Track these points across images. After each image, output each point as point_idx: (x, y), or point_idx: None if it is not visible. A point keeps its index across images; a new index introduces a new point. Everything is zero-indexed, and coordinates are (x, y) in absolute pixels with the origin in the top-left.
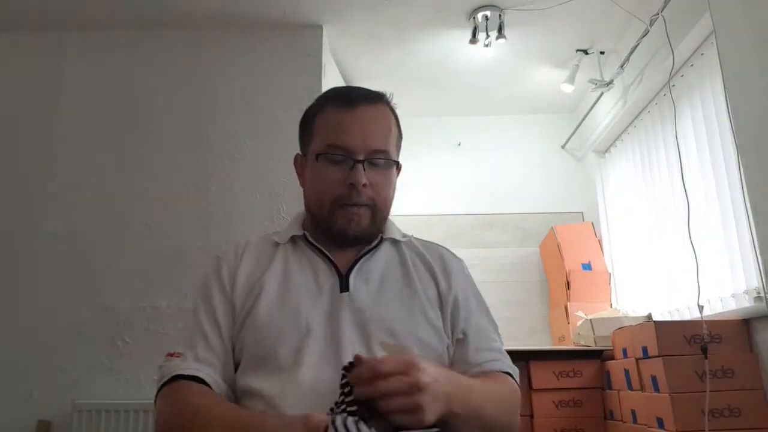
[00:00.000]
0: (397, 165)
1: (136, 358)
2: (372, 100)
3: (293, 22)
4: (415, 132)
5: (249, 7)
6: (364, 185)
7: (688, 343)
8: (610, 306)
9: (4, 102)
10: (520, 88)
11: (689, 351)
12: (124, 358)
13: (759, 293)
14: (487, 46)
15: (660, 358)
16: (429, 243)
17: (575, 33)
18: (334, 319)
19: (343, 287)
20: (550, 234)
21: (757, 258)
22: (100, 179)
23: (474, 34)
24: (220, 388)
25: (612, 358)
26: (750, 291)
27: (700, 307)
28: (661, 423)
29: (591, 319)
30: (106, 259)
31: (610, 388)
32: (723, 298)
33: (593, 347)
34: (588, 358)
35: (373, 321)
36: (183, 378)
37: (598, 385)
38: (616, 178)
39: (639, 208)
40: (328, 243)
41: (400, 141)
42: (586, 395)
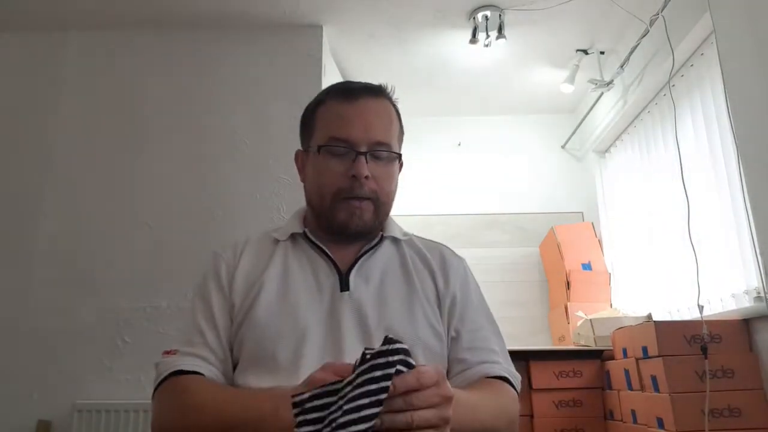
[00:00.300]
0: (400, 159)
1: (136, 358)
2: (373, 92)
3: (293, 22)
4: (415, 132)
5: (249, 7)
6: (367, 177)
7: (688, 343)
8: (610, 306)
9: (4, 102)
10: (520, 88)
11: (689, 351)
12: (124, 358)
13: (759, 293)
14: (487, 46)
15: (660, 358)
16: (430, 241)
17: (575, 33)
18: (334, 318)
19: (344, 286)
20: (550, 234)
21: (757, 258)
22: (100, 179)
23: (474, 34)
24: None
25: (612, 358)
26: (750, 291)
27: (700, 307)
28: (661, 423)
29: (591, 319)
30: (106, 259)
31: (610, 388)
32: (723, 298)
33: (593, 347)
34: (588, 358)
35: (373, 321)
36: (183, 373)
37: (598, 385)
38: (616, 178)
39: (639, 208)
40: (328, 239)
41: (402, 135)
42: (586, 395)
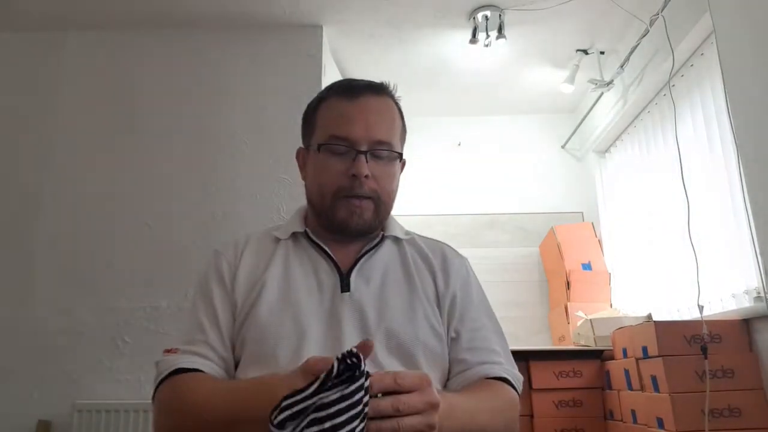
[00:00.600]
0: (401, 158)
1: (136, 358)
2: (375, 90)
3: (293, 22)
4: (415, 132)
5: (249, 7)
6: (367, 177)
7: (688, 343)
8: (610, 306)
9: (3, 101)
10: (520, 88)
11: (689, 351)
12: (124, 358)
13: (759, 293)
14: (487, 46)
15: (660, 358)
16: (432, 240)
17: (575, 33)
18: (334, 319)
19: (344, 287)
20: (550, 234)
21: (757, 258)
22: (100, 179)
23: (474, 34)
24: None
25: (612, 358)
26: (750, 291)
27: (700, 307)
28: (661, 423)
29: (591, 319)
30: (106, 259)
31: (610, 388)
32: (723, 298)
33: (593, 347)
34: (588, 358)
35: (373, 322)
36: (184, 371)
37: (598, 385)
38: (616, 178)
39: (639, 208)
40: (329, 239)
41: (405, 134)
42: (586, 395)
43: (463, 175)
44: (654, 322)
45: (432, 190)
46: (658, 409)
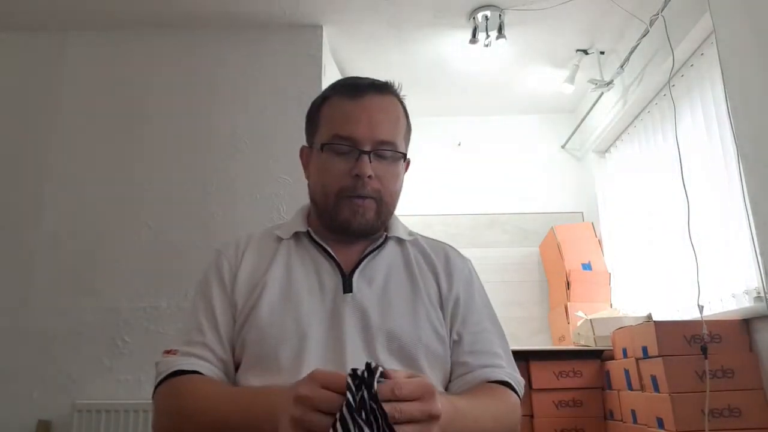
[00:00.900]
0: (405, 158)
1: (136, 358)
2: (380, 89)
3: (293, 22)
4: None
5: (249, 7)
6: (370, 177)
7: (688, 343)
8: (610, 306)
9: (3, 102)
10: (520, 88)
11: (689, 351)
12: (124, 358)
13: (759, 293)
14: (487, 46)
15: (660, 358)
16: (435, 241)
17: (575, 33)
18: (336, 320)
19: (347, 288)
20: (550, 234)
21: (757, 258)
22: (100, 179)
23: (474, 34)
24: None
25: (612, 358)
26: (750, 291)
27: (700, 307)
28: (661, 423)
29: (591, 319)
30: (106, 259)
31: (610, 388)
32: (723, 298)
33: (593, 347)
34: (588, 358)
35: (375, 323)
36: (183, 373)
37: (598, 385)
38: (616, 178)
39: (639, 208)
40: (332, 239)
41: (409, 134)
42: (586, 395)
43: (463, 175)
44: (654, 322)
45: (432, 190)
46: (658, 409)
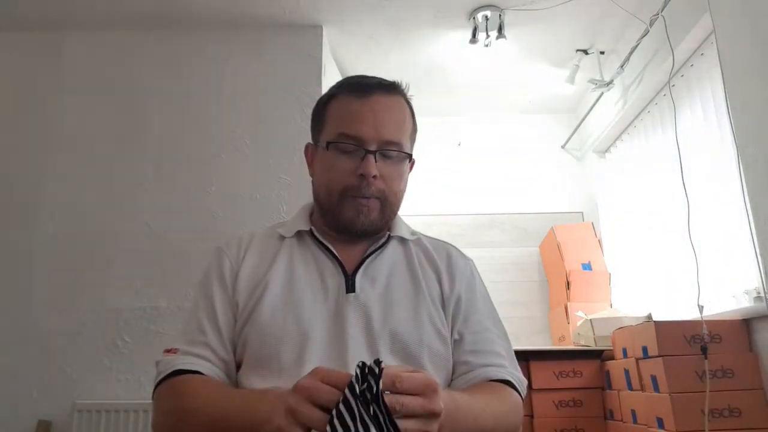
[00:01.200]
0: (410, 158)
1: (136, 358)
2: (387, 89)
3: (293, 22)
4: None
5: (249, 6)
6: (375, 177)
7: (688, 343)
8: (610, 306)
9: (3, 101)
10: (520, 88)
11: (689, 351)
12: (124, 358)
13: (759, 293)
14: (487, 46)
15: (660, 358)
16: (438, 241)
17: (575, 33)
18: (339, 320)
19: (349, 288)
20: (550, 234)
21: (757, 258)
22: (100, 179)
23: (474, 34)
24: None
25: (612, 358)
26: (750, 291)
27: (700, 307)
28: (661, 423)
29: (591, 319)
30: (106, 259)
31: (610, 388)
32: (723, 298)
33: (593, 347)
34: (588, 358)
35: (378, 323)
36: (184, 372)
37: (598, 385)
38: (616, 178)
39: (639, 208)
40: (334, 238)
41: (415, 134)
42: (586, 395)
43: (463, 175)
44: (654, 322)
45: (432, 190)
46: (658, 409)
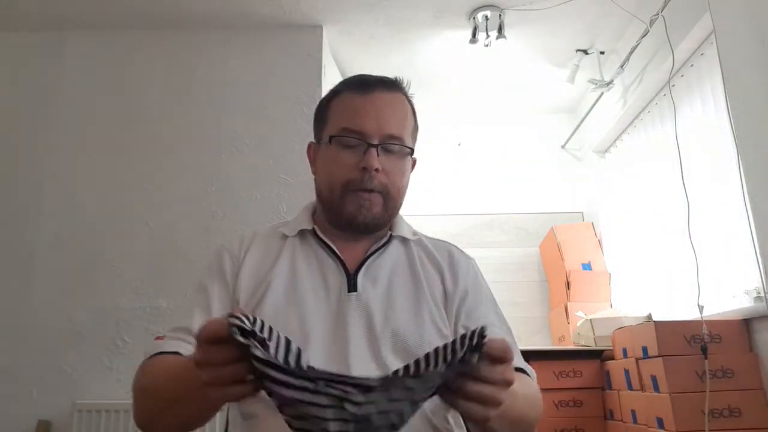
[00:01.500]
0: (412, 154)
1: (136, 358)
2: (389, 86)
3: (293, 22)
4: None
5: (249, 7)
6: (377, 170)
7: (688, 343)
8: (610, 306)
9: (3, 101)
10: (520, 88)
11: (689, 351)
12: (124, 358)
13: (759, 293)
14: (487, 46)
15: (660, 358)
16: (439, 241)
17: (575, 33)
18: (340, 320)
19: (351, 287)
20: (550, 234)
21: (757, 258)
22: (100, 179)
23: (474, 34)
24: None
25: (612, 358)
26: (750, 291)
27: (700, 307)
28: (661, 423)
29: (591, 319)
30: (106, 259)
31: (610, 388)
32: (723, 298)
33: (593, 347)
34: (588, 358)
35: (380, 323)
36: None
37: (598, 385)
38: (616, 178)
39: (639, 208)
40: (337, 236)
41: (416, 132)
42: (586, 395)
43: (463, 175)
44: (654, 322)
45: (432, 190)
46: (658, 409)
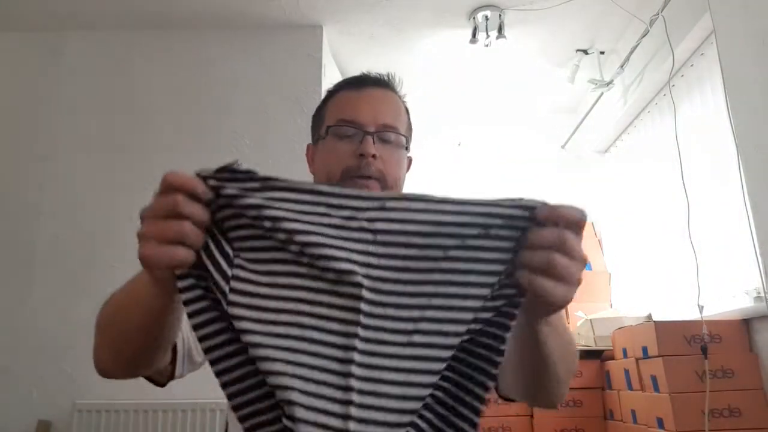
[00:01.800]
0: (408, 147)
1: None
2: (382, 85)
3: (293, 22)
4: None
5: (249, 7)
6: (374, 156)
7: (688, 343)
8: (610, 306)
9: (3, 101)
10: (519, 88)
11: (689, 351)
12: None
13: (759, 293)
14: (487, 46)
15: (660, 358)
16: None
17: (575, 33)
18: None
19: None
20: None
21: (757, 258)
22: (100, 179)
23: (474, 34)
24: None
25: (612, 358)
26: (750, 291)
27: (700, 307)
28: (661, 423)
29: (591, 319)
30: (106, 259)
31: (610, 388)
32: (723, 298)
33: (593, 347)
34: (588, 358)
35: None
36: None
37: (598, 385)
38: (616, 178)
39: (639, 208)
40: None
41: (411, 133)
42: (586, 395)
43: (463, 176)
44: (654, 322)
45: (432, 191)
46: (658, 409)
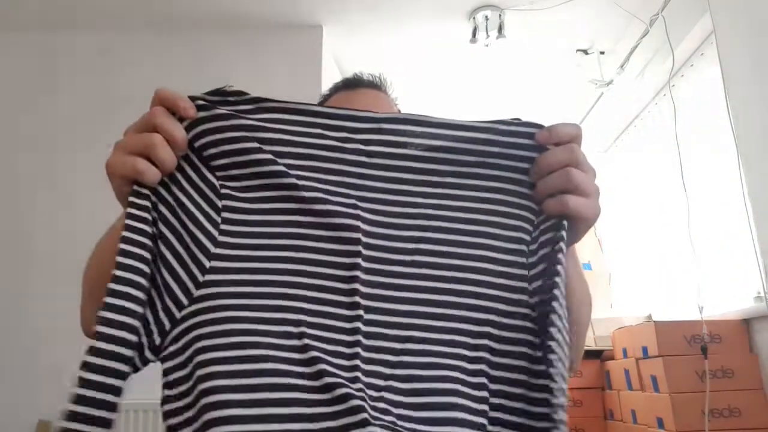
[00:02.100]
0: None
1: None
2: (375, 86)
3: (293, 22)
4: None
5: (249, 7)
6: None
7: (688, 343)
8: (610, 306)
9: (3, 102)
10: (520, 88)
11: (689, 351)
12: None
13: (759, 293)
14: (487, 46)
15: (660, 358)
16: None
17: (575, 33)
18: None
19: None
20: None
21: (757, 258)
22: (100, 179)
23: (474, 34)
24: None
25: (612, 358)
26: (750, 291)
27: (700, 307)
28: (661, 423)
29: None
30: None
31: (610, 388)
32: (723, 298)
33: (593, 347)
34: (588, 358)
35: None
36: None
37: (598, 385)
38: (615, 179)
39: (639, 207)
40: None
41: None
42: (586, 395)
43: None
44: (654, 322)
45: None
46: (658, 409)
